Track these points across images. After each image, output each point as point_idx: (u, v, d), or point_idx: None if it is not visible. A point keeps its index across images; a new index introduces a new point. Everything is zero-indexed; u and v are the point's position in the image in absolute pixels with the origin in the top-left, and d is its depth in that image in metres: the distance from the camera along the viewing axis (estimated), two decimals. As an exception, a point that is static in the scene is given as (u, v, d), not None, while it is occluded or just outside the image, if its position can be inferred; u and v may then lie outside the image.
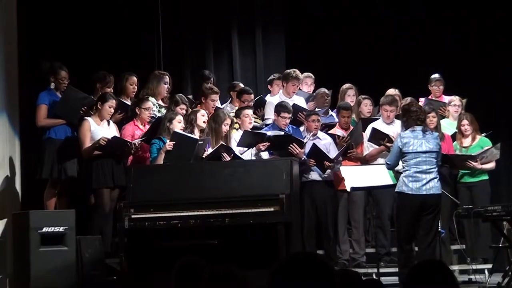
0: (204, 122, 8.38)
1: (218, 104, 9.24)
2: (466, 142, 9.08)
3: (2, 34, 8.71)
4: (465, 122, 9.05)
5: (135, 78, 9.01)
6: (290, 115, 8.90)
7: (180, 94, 9.11)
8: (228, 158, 8.07)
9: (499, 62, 10.64)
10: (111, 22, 10.27)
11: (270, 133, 8.67)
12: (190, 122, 8.37)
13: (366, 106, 9.37)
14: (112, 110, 8.40)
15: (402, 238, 7.87)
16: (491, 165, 8.98)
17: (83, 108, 8.48)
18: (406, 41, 10.99)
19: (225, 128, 8.36)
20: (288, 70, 9.68)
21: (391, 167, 8.01)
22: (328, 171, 8.73)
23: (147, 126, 8.58)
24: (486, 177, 9.03)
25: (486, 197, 8.94)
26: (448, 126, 9.31)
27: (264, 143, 8.45)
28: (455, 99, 9.53)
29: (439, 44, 10.87)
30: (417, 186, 7.68)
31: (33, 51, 9.32)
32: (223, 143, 8.26)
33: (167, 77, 9.15)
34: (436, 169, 7.78)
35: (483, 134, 9.15)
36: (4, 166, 8.55)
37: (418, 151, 7.70)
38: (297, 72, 9.60)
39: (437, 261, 3.32)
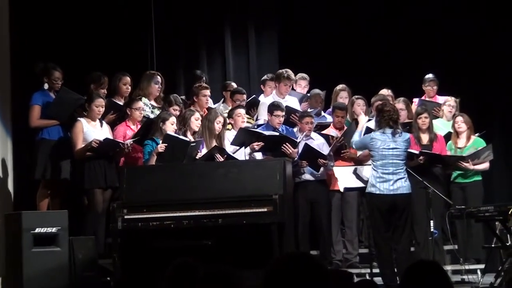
0: (197, 126, 8.37)
1: (210, 101, 9.24)
2: (461, 142, 9.08)
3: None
4: (459, 122, 9.06)
5: (128, 78, 8.97)
6: (283, 113, 8.90)
7: (175, 95, 9.10)
8: (221, 160, 8.05)
9: (493, 62, 10.63)
10: (104, 23, 10.23)
11: (264, 132, 8.66)
12: (183, 123, 8.35)
13: (359, 106, 9.35)
14: (101, 109, 8.35)
15: (377, 238, 7.96)
16: (484, 166, 8.99)
17: (76, 110, 8.47)
18: (400, 41, 10.98)
19: (217, 126, 8.34)
20: (280, 70, 9.67)
21: (354, 148, 8.40)
22: (322, 169, 8.73)
23: (139, 126, 8.56)
24: (479, 177, 9.04)
25: (479, 198, 8.94)
26: (442, 126, 9.32)
27: (258, 143, 8.43)
28: (450, 100, 9.53)
29: (433, 44, 10.87)
30: (385, 187, 7.84)
31: (26, 51, 9.29)
32: (217, 143, 8.25)
33: (158, 76, 9.08)
34: (403, 169, 7.92)
35: (477, 134, 9.16)
36: (-3, 167, 8.54)
37: (384, 153, 7.84)
38: (289, 72, 9.59)
39: (431, 262, 3.32)
